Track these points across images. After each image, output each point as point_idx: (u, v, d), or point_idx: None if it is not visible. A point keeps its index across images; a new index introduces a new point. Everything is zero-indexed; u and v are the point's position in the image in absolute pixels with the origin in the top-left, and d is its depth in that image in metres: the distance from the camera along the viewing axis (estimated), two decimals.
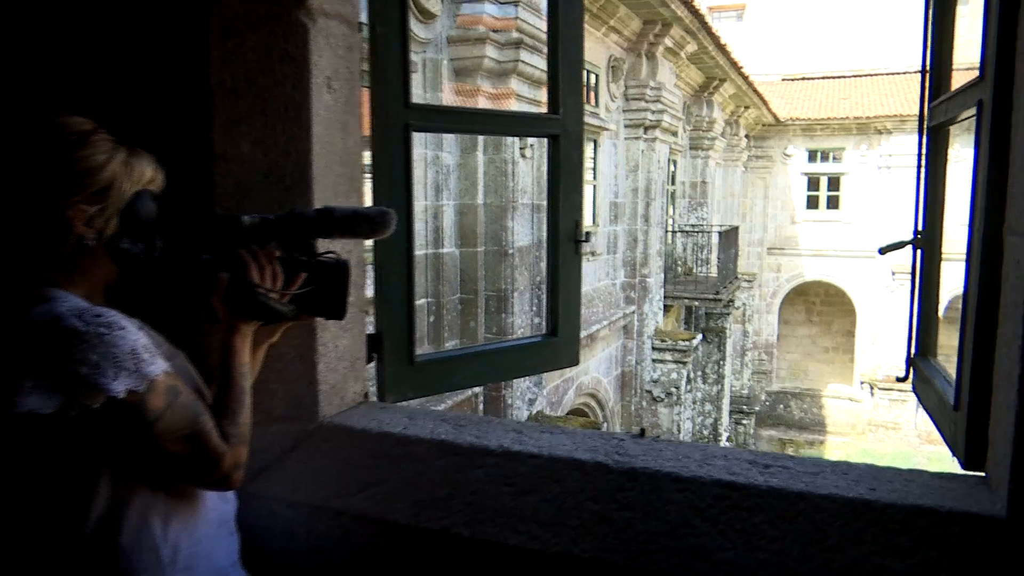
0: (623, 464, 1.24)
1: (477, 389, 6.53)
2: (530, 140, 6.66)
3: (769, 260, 23.31)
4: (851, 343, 23.53)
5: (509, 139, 6.33)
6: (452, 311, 6.24)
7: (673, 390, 11.16)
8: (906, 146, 20.99)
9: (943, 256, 1.65)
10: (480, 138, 6.19)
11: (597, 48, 9.59)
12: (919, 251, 1.68)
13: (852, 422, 22.83)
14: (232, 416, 1.19)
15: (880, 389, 21.97)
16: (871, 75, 23.62)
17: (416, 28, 5.60)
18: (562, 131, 1.88)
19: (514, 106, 6.36)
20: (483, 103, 6.20)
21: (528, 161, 6.69)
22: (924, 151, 1.64)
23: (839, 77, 23.98)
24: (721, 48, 12.48)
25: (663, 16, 9.92)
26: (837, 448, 21.76)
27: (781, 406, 23.94)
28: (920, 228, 1.67)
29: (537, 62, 6.42)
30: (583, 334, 8.81)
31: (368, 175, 1.63)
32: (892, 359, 21.84)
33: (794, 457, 1.27)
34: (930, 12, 1.64)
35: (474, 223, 6.25)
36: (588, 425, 6.86)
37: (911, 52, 23.65)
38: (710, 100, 15.30)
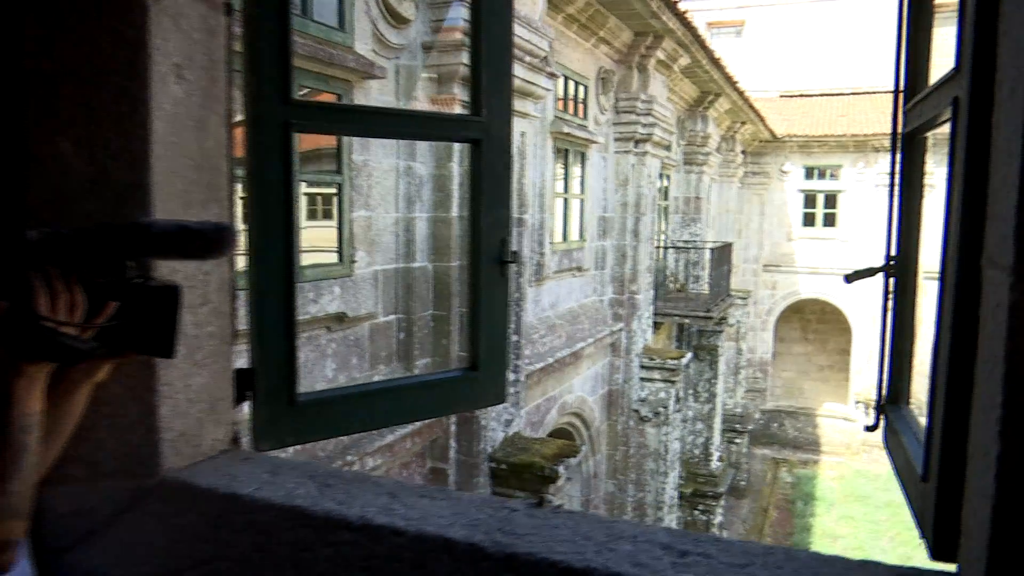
0: (503, 547, 0.98)
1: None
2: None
3: (765, 277, 23.11)
4: (846, 362, 23.28)
5: None
6: (424, 328, 5.98)
7: (661, 409, 10.88)
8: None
9: (920, 285, 1.40)
10: (456, 147, 5.95)
11: (586, 59, 9.39)
12: (891, 279, 1.44)
13: (847, 442, 22.55)
14: (1, 483, 0.93)
15: (875, 409, 21.71)
16: (869, 93, 23.47)
17: (389, 34, 5.39)
18: (484, 136, 1.64)
19: None
20: (459, 112, 5.97)
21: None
22: (898, 163, 1.40)
23: (837, 95, 23.85)
24: (715, 62, 12.29)
25: (655, 28, 9.72)
26: (831, 468, 21.48)
27: (775, 424, 23.66)
28: (893, 252, 1.43)
29: (517, 70, 6.19)
30: (566, 352, 8.56)
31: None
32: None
33: (721, 540, 1.01)
34: (904, 3, 1.40)
35: (448, 236, 6.01)
36: (565, 448, 6.59)
37: None
38: (705, 115, 15.10)
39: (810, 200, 22.58)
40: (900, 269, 1.40)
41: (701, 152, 15.39)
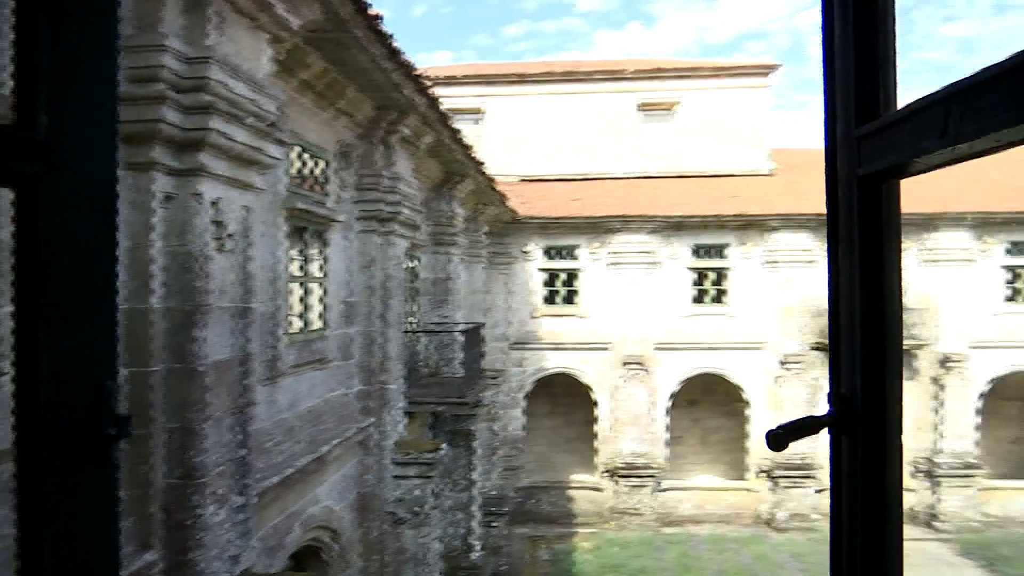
0: None
1: (151, 556, 4.86)
2: (230, 227, 5.37)
3: (513, 355, 23.43)
4: (591, 432, 24.11)
5: (199, 226, 4.98)
6: None
7: (418, 509, 9.99)
8: (630, 244, 22.51)
9: (902, 446, 0.76)
10: (157, 222, 4.78)
11: (325, 131, 8.61)
12: (842, 439, 0.78)
13: (597, 511, 23.13)
14: None
15: (621, 476, 22.59)
16: (598, 179, 25.32)
17: None
18: (44, 168, 0.77)
19: (206, 188, 5.07)
20: (161, 181, 4.84)
21: (228, 254, 5.36)
22: (847, 226, 0.76)
23: (570, 180, 25.40)
24: (460, 142, 12.16)
25: (398, 103, 9.25)
26: (585, 539, 21.79)
27: (531, 501, 23.68)
28: (844, 389, 0.78)
29: (237, 134, 5.22)
30: (309, 458, 7.41)
31: None
32: (630, 446, 22.67)
33: None
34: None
35: (146, 334, 4.75)
36: None
37: (632, 159, 25.82)
38: (451, 195, 14.97)
39: (552, 279, 23.50)
40: (869, 422, 0.75)
41: (448, 232, 15.18)
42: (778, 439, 0.83)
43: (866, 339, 0.75)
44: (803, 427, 0.82)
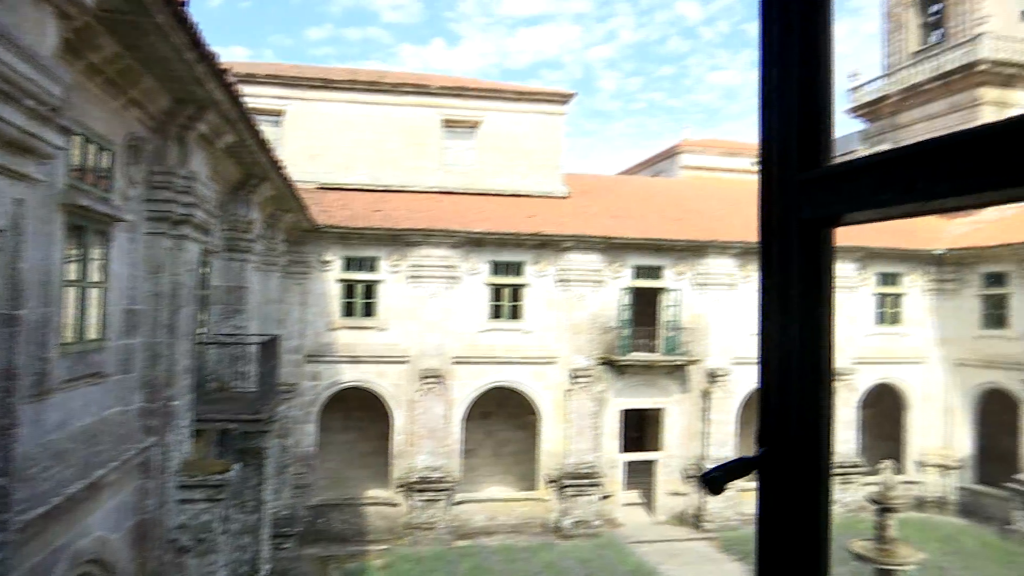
0: None
1: None
2: None
3: (308, 368, 22.61)
4: (387, 447, 23.85)
5: None
6: None
7: (204, 535, 9.26)
8: (431, 258, 22.64)
9: (831, 486, 0.81)
10: None
11: (113, 121, 7.79)
12: (770, 478, 0.83)
13: (391, 527, 22.86)
14: None
15: (415, 491, 22.51)
16: (400, 191, 25.23)
17: None
18: None
19: None
20: None
21: None
22: (782, 268, 0.81)
23: (372, 190, 25.07)
24: (261, 143, 11.56)
25: (198, 97, 8.60)
26: (379, 556, 21.43)
27: (322, 520, 22.88)
28: (774, 429, 0.82)
29: (13, 116, 4.57)
30: (81, 484, 6.65)
31: None
32: (425, 460, 22.68)
33: None
34: (774, 35, 0.84)
35: None
36: None
37: (434, 173, 26.01)
38: (249, 199, 14.16)
39: (350, 290, 23.00)
40: (797, 460, 0.80)
41: (244, 238, 14.34)
42: (714, 482, 0.85)
43: (800, 380, 0.80)
44: (736, 469, 0.86)
